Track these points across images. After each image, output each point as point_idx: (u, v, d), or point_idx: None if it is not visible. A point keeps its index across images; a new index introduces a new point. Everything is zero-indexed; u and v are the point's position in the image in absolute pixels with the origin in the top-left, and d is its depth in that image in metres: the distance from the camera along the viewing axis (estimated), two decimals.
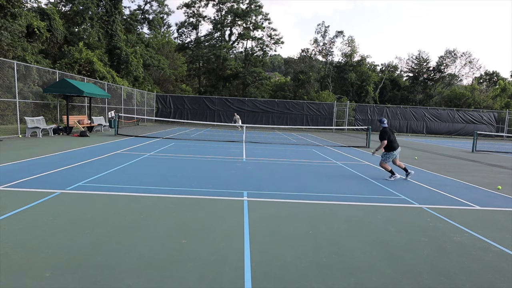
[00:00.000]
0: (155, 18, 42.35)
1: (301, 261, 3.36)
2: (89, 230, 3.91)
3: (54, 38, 24.30)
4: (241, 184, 6.76)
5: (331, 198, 6.02)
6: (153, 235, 3.87)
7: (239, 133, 21.81)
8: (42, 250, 3.32)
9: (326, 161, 10.83)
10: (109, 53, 29.20)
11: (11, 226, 3.92)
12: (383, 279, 3.08)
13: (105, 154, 9.76)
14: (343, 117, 34.11)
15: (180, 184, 6.48)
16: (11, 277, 2.80)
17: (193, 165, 8.88)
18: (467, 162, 12.43)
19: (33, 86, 16.57)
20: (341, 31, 43.97)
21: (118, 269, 3.02)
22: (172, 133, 19.94)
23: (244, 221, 4.49)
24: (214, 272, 3.05)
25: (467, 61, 45.74)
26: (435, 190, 7.07)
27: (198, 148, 12.75)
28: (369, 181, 7.75)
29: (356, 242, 3.95)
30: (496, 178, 9.01)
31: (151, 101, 32.56)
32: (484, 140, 29.57)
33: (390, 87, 45.76)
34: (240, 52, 44.22)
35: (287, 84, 43.29)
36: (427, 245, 3.98)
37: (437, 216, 5.16)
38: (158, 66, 36.52)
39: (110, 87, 23.33)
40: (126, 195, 5.49)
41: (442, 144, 22.19)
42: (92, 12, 28.10)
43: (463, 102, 40.02)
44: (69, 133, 15.58)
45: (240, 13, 39.72)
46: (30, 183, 5.96)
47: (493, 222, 5.03)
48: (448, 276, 3.20)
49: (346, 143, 18.50)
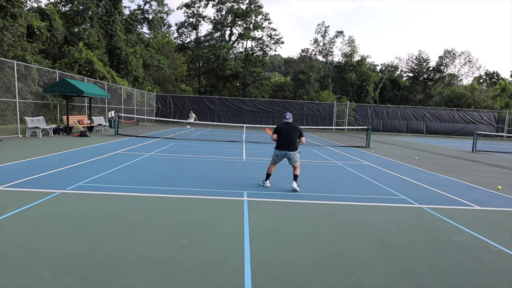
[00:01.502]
0: (154, 18, 42.33)
1: (301, 261, 3.36)
2: (89, 230, 3.91)
3: (54, 38, 24.30)
4: (241, 184, 6.76)
5: (331, 198, 6.02)
6: (153, 235, 3.87)
7: (239, 133, 21.80)
8: (42, 250, 3.32)
9: (326, 161, 10.83)
10: (109, 53, 29.20)
11: (11, 226, 3.92)
12: (383, 279, 3.08)
13: (105, 154, 9.76)
14: (343, 117, 34.10)
15: (180, 184, 6.48)
16: (11, 277, 2.80)
17: (193, 165, 8.88)
18: (467, 162, 12.43)
19: (33, 86, 16.57)
20: (341, 31, 44.04)
21: (118, 269, 3.02)
22: (172, 133, 19.93)
23: (244, 221, 4.49)
24: (214, 272, 3.05)
25: (467, 60, 45.80)
26: (435, 190, 7.07)
27: (198, 148, 12.75)
28: (369, 181, 7.75)
29: (356, 242, 3.95)
30: (496, 178, 9.01)
31: (151, 101, 32.56)
32: (484, 140, 29.57)
33: (390, 87, 45.77)
34: (240, 52, 44.23)
35: (287, 84, 43.29)
36: (427, 245, 3.98)
37: (437, 216, 5.16)
38: (158, 66, 36.53)
39: (110, 87, 23.33)
40: (126, 195, 5.49)
41: (442, 144, 22.19)
42: (92, 12, 28.09)
43: (463, 102, 40.02)
44: (69, 133, 15.58)
45: (240, 13, 39.72)
46: (30, 183, 5.96)
47: (493, 222, 5.03)
48: (448, 276, 3.19)
49: (346, 143, 18.50)
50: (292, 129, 6.67)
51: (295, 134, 6.65)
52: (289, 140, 6.61)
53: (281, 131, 6.68)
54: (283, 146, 6.62)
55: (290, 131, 6.66)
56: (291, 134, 6.64)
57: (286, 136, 6.62)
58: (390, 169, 9.64)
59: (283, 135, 6.64)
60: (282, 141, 6.63)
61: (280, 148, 6.63)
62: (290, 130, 6.67)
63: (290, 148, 6.58)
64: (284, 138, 6.62)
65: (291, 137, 6.61)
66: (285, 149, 6.58)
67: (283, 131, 6.66)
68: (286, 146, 6.59)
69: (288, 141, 6.60)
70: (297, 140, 6.67)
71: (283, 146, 6.61)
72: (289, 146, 6.59)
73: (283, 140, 6.62)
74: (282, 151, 6.60)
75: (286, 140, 6.61)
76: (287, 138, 6.62)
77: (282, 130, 6.68)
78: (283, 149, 6.59)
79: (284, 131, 6.65)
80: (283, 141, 6.63)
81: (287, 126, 6.71)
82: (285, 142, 6.61)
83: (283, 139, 6.63)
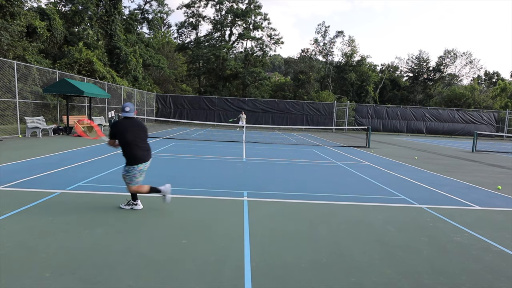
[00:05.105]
0: (154, 18, 42.34)
1: (301, 261, 3.36)
2: (89, 230, 3.91)
3: (54, 38, 24.30)
4: (241, 184, 6.76)
5: (331, 198, 6.02)
6: (153, 235, 3.87)
7: (239, 133, 21.80)
8: (42, 250, 3.32)
9: (326, 161, 10.83)
10: (109, 53, 29.20)
11: (11, 226, 3.92)
12: (383, 279, 3.08)
13: (105, 154, 9.75)
14: (343, 117, 34.10)
15: (180, 184, 6.48)
16: (11, 277, 2.80)
17: (193, 165, 8.88)
18: (467, 162, 12.43)
19: (34, 86, 16.56)
20: (341, 31, 44.05)
21: (118, 269, 3.02)
22: (172, 133, 19.93)
23: (244, 221, 4.49)
24: (214, 272, 3.05)
25: (468, 61, 45.81)
26: (435, 190, 7.07)
27: (198, 148, 12.74)
28: (369, 181, 7.75)
29: (356, 242, 3.95)
30: (496, 178, 9.01)
31: (151, 101, 32.55)
32: (484, 140, 29.57)
33: (390, 87, 45.78)
34: (240, 52, 44.22)
35: (287, 84, 43.28)
36: (427, 245, 3.98)
37: (437, 216, 5.16)
38: (157, 66, 36.51)
39: (110, 87, 23.33)
40: (126, 195, 5.48)
41: (442, 144, 22.19)
42: (92, 12, 28.09)
43: (463, 102, 40.01)
44: (69, 133, 15.58)
45: (240, 13, 39.71)
46: (30, 183, 5.95)
47: (493, 222, 5.03)
48: (448, 276, 3.19)
49: (346, 143, 18.50)
50: (142, 129, 4.63)
51: (145, 136, 4.69)
52: (144, 146, 4.60)
53: (128, 133, 4.43)
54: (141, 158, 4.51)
55: (140, 131, 4.59)
56: (142, 136, 4.60)
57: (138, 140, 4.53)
58: (390, 169, 9.64)
59: (132, 139, 4.44)
60: (136, 149, 4.48)
61: (138, 162, 4.50)
62: (140, 130, 4.59)
63: (147, 158, 4.63)
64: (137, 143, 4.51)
65: (144, 141, 4.64)
66: (144, 161, 4.56)
67: (132, 133, 4.46)
68: (144, 156, 4.55)
69: (143, 148, 4.57)
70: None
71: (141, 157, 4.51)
72: (147, 155, 4.62)
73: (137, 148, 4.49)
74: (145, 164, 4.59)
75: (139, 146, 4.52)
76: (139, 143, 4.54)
77: (129, 131, 4.44)
78: (141, 162, 4.52)
79: (133, 133, 4.47)
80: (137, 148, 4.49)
81: (133, 124, 4.54)
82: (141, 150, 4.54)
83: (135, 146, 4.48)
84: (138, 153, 4.49)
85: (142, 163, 4.55)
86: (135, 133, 4.49)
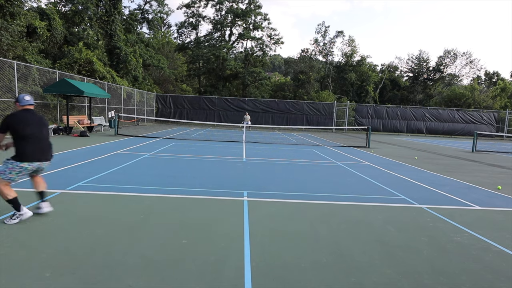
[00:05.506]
0: (154, 18, 42.33)
1: (301, 261, 3.36)
2: (89, 230, 3.91)
3: (54, 38, 24.29)
4: (241, 184, 6.76)
5: (331, 198, 6.02)
6: (153, 235, 3.87)
7: (239, 133, 21.80)
8: (42, 250, 3.32)
9: (326, 161, 10.83)
10: (109, 53, 29.20)
11: (11, 226, 3.92)
12: (383, 279, 3.08)
13: (105, 154, 9.75)
14: (343, 117, 34.10)
15: (180, 184, 6.48)
16: (11, 277, 2.80)
17: (193, 165, 8.88)
18: (467, 162, 12.43)
19: (34, 86, 16.56)
20: (341, 31, 44.09)
21: (118, 269, 3.02)
22: (172, 133, 19.93)
23: (244, 221, 4.49)
24: (214, 272, 3.05)
25: (468, 61, 45.81)
26: (435, 190, 7.07)
27: (198, 148, 12.74)
28: (369, 181, 7.75)
29: (356, 242, 3.95)
30: (496, 178, 9.01)
31: (151, 101, 32.56)
32: (484, 140, 29.58)
33: (390, 87, 45.79)
34: (240, 52, 44.22)
35: (287, 84, 43.29)
36: (427, 245, 3.98)
37: (437, 216, 5.16)
38: (157, 66, 36.51)
39: (110, 87, 23.34)
40: (126, 195, 5.49)
41: (442, 144, 22.19)
42: (92, 12, 28.09)
43: (463, 102, 40.02)
44: (69, 133, 15.58)
45: (240, 13, 39.72)
46: (30, 183, 5.94)
47: (493, 222, 5.03)
48: (448, 276, 3.19)
49: (346, 143, 18.50)
50: (43, 124, 4.14)
51: (47, 132, 4.22)
52: (45, 143, 4.11)
53: (27, 127, 3.90)
54: (36, 155, 3.96)
55: (41, 126, 4.09)
56: (43, 132, 4.11)
57: (38, 135, 4.01)
58: (390, 169, 9.64)
59: (31, 133, 3.92)
60: (34, 145, 3.95)
61: (30, 160, 3.92)
62: (40, 125, 4.08)
63: (46, 157, 4.13)
64: (36, 139, 3.98)
65: (45, 138, 4.14)
66: (40, 159, 4.02)
67: (31, 127, 3.94)
68: (41, 154, 4.04)
69: (43, 145, 4.08)
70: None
71: (36, 155, 3.97)
72: (46, 154, 4.12)
73: (35, 144, 3.97)
74: (35, 164, 3.99)
75: (39, 142, 4.01)
76: (40, 140, 4.03)
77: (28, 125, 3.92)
78: (36, 160, 3.97)
79: (33, 127, 3.95)
80: (35, 145, 3.96)
81: (34, 118, 4.02)
82: (39, 146, 4.02)
83: (34, 142, 3.95)
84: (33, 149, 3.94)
85: (32, 162, 3.94)
86: (36, 128, 3.97)
